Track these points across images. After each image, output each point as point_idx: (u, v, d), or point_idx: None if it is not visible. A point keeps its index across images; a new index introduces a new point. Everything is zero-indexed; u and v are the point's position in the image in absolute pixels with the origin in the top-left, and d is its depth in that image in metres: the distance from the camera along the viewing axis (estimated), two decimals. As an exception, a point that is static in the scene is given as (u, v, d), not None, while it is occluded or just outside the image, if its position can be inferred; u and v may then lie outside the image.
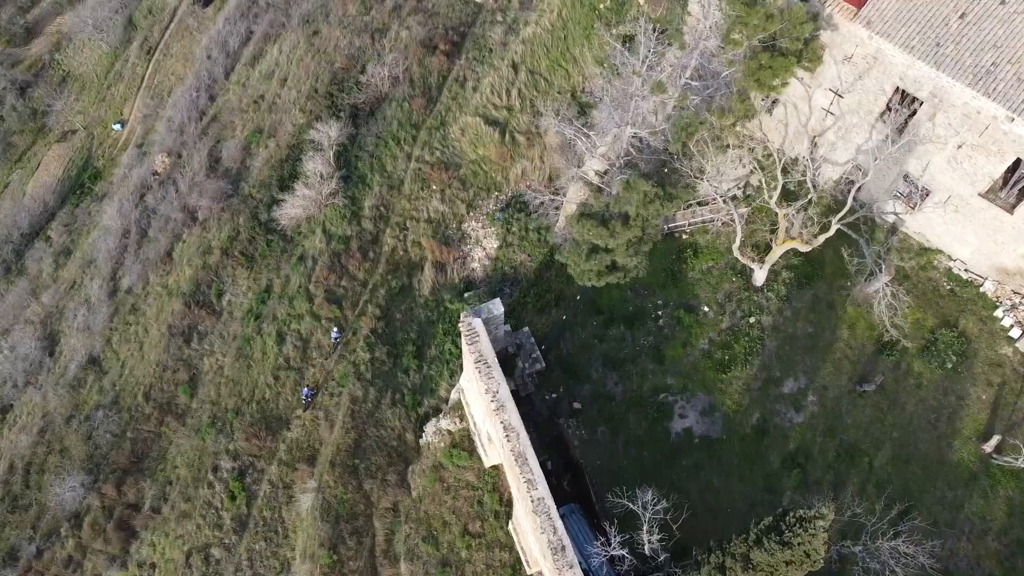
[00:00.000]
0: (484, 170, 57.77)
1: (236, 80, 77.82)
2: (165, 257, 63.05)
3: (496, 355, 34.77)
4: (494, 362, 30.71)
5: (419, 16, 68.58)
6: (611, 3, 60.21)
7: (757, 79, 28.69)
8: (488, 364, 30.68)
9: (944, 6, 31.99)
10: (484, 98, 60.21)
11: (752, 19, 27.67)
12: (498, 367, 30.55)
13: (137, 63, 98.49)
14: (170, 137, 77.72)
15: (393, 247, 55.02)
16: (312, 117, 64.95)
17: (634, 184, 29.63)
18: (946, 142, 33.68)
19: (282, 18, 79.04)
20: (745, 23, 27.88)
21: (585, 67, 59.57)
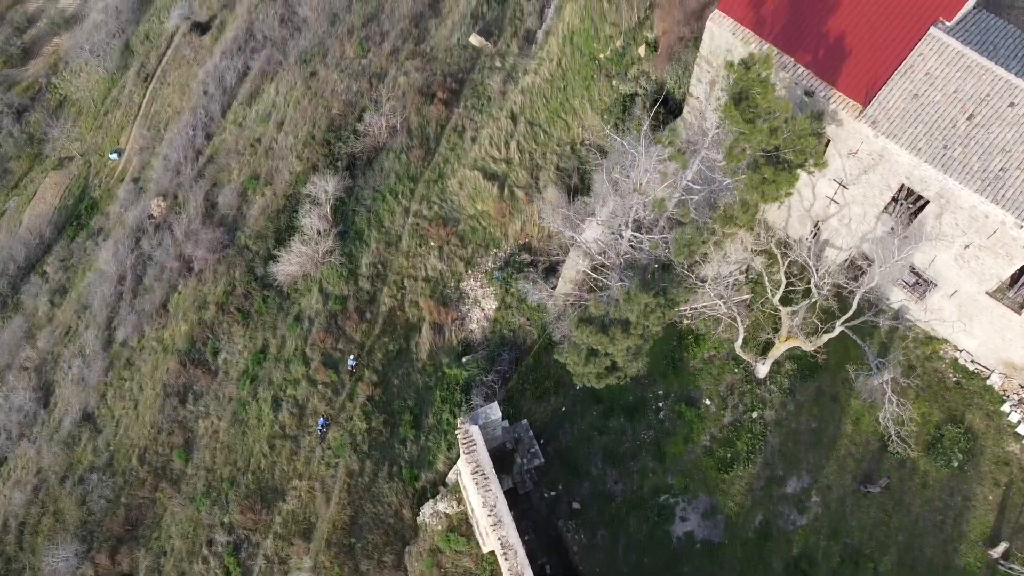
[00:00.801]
0: (483, 226, 57.07)
1: (233, 119, 77.15)
2: (160, 309, 62.42)
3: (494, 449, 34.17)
4: (492, 474, 30.07)
5: (417, 61, 67.88)
6: (611, 53, 59.43)
7: (761, 192, 27.99)
8: (485, 476, 30.02)
9: (952, 107, 31.24)
10: (483, 150, 59.51)
11: (755, 136, 26.95)
12: (496, 479, 29.90)
13: (134, 90, 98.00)
14: (166, 177, 77.09)
15: (391, 307, 54.34)
16: (309, 165, 64.35)
17: (634, 296, 28.93)
18: (953, 240, 32.97)
19: (279, 55, 78.34)
20: (748, 139, 27.16)
21: (585, 118, 58.85)
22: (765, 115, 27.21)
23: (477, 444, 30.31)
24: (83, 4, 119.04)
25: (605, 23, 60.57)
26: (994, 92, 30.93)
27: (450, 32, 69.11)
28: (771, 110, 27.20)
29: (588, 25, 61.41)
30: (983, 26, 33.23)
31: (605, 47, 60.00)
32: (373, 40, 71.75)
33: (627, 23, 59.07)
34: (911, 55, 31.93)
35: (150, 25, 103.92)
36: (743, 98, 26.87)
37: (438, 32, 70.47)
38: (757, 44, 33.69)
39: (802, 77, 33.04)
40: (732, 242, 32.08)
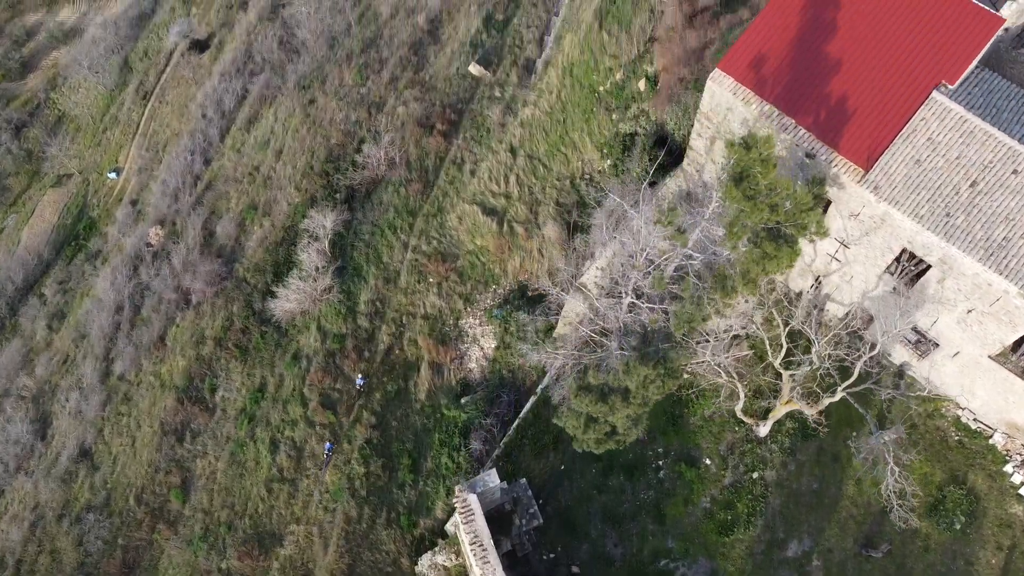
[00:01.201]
0: (482, 261, 56.77)
1: (231, 144, 76.89)
2: (158, 342, 62.12)
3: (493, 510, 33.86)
4: (490, 545, 29.79)
5: (416, 90, 67.56)
6: (611, 86, 59.10)
7: (762, 266, 27.69)
8: (483, 547, 29.71)
9: (955, 173, 30.93)
10: (482, 184, 59.23)
11: (755, 214, 26.65)
12: (494, 551, 29.62)
13: (133, 108, 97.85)
14: (164, 202, 76.84)
15: (389, 345, 54.04)
16: (307, 196, 64.07)
17: (634, 368, 28.64)
18: (955, 304, 32.66)
19: (278, 80, 78.09)
20: (749, 216, 26.85)
21: (584, 152, 58.53)
22: (766, 192, 26.90)
23: (475, 514, 30.04)
24: (82, 17, 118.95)
25: (605, 55, 60.28)
26: (997, 159, 30.62)
27: (449, 61, 68.81)
28: (772, 187, 26.90)
29: (588, 57, 61.12)
30: (986, 87, 32.92)
31: (605, 80, 59.70)
32: (372, 68, 71.47)
33: (627, 56, 58.79)
34: (913, 119, 31.62)
35: (149, 42, 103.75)
36: (744, 177, 26.57)
37: (437, 60, 70.18)
38: (758, 104, 33.40)
39: (803, 139, 32.73)
40: (733, 305, 31.77)
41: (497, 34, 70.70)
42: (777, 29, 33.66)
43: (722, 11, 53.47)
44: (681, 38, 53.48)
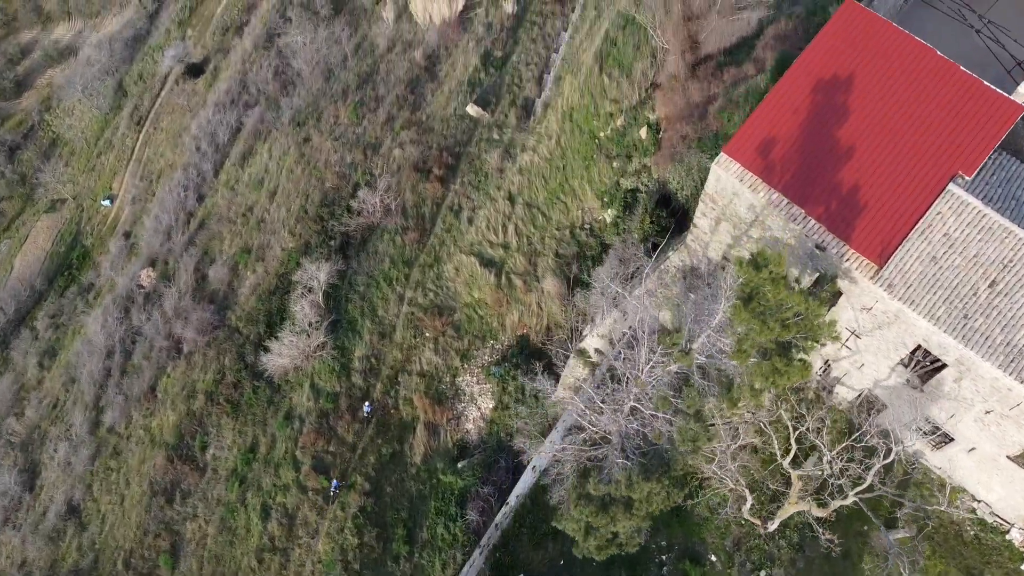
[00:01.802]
0: (479, 315, 55.38)
1: (225, 181, 75.56)
2: (148, 393, 60.77)
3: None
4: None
5: (413, 131, 66.14)
6: (611, 132, 57.65)
7: (771, 381, 26.30)
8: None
9: (973, 272, 29.48)
10: (479, 233, 57.81)
11: (765, 332, 25.23)
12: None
13: (127, 134, 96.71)
14: (157, 239, 75.56)
15: (384, 404, 52.64)
16: (301, 242, 62.69)
17: (637, 484, 27.25)
18: (973, 404, 31.22)
19: (272, 114, 76.71)
20: (758, 334, 25.44)
21: (584, 200, 57.08)
22: (776, 308, 25.49)
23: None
24: (77, 35, 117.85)
25: (605, 100, 58.83)
26: (1018, 257, 29.18)
27: (447, 101, 67.37)
28: (783, 303, 25.49)
29: (588, 101, 59.66)
30: (1006, 175, 31.49)
31: (605, 125, 58.25)
32: (368, 106, 70.06)
33: (628, 101, 57.33)
34: (929, 213, 30.17)
35: (144, 65, 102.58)
36: (753, 297, 25.16)
37: (434, 99, 68.75)
38: (766, 192, 31.94)
39: (813, 230, 31.28)
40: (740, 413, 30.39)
41: (495, 72, 69.28)
42: (785, 112, 32.22)
43: (726, 62, 52.00)
44: (684, 89, 52.02)
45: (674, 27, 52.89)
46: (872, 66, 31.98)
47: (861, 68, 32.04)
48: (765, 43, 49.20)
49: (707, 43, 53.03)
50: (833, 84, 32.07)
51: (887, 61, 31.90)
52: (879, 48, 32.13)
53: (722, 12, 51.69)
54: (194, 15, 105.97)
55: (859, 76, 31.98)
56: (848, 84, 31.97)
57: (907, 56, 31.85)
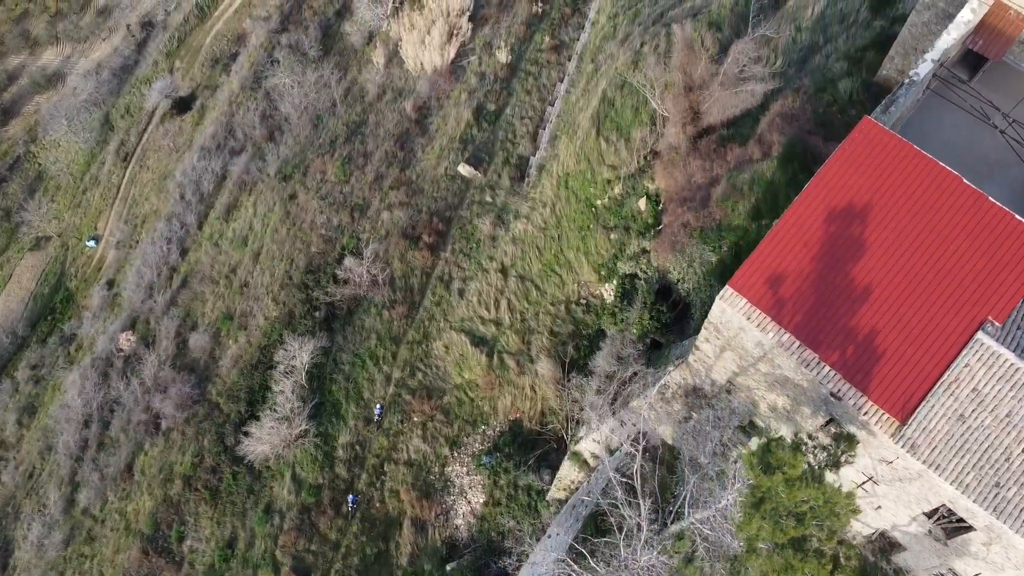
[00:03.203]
0: (470, 398, 52.71)
1: (208, 235, 72.95)
2: (125, 472, 58.14)
3: None
4: None
5: (402, 191, 63.46)
6: (609, 201, 54.97)
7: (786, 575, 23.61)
8: None
9: (1006, 434, 26.73)
10: (471, 308, 55.13)
11: (778, 534, 22.53)
12: None
13: (113, 170, 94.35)
14: (138, 295, 73.00)
15: (369, 497, 49.96)
16: (285, 311, 60.01)
17: None
18: (1003, 568, 28.49)
19: (258, 163, 74.06)
20: (769, 536, 22.75)
21: (581, 273, 54.37)
22: (790, 506, 22.81)
23: None
24: (65, 61, 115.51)
25: (603, 166, 56.18)
26: (1055, 418, 26.43)
27: (437, 160, 64.66)
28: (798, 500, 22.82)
29: (585, 167, 57.00)
30: (1038, 315, 28.71)
31: (603, 193, 55.60)
32: (356, 162, 67.39)
33: (626, 168, 54.67)
34: (956, 364, 27.42)
35: (131, 98, 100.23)
36: (764, 500, 22.50)
37: (425, 156, 66.06)
38: (775, 333, 29.19)
39: (828, 378, 28.53)
40: None
41: (489, 127, 66.60)
42: (795, 244, 29.48)
43: (730, 136, 49.28)
44: (684, 164, 49.33)
45: (674, 97, 50.15)
46: (892, 194, 29.24)
47: (879, 196, 29.30)
48: (771, 120, 46.48)
49: (709, 114, 50.33)
50: (848, 214, 29.33)
51: (908, 189, 29.17)
52: (899, 173, 29.40)
53: (725, 83, 48.93)
54: (182, 46, 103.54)
55: (877, 205, 29.24)
56: (865, 214, 29.22)
57: (931, 183, 29.12)
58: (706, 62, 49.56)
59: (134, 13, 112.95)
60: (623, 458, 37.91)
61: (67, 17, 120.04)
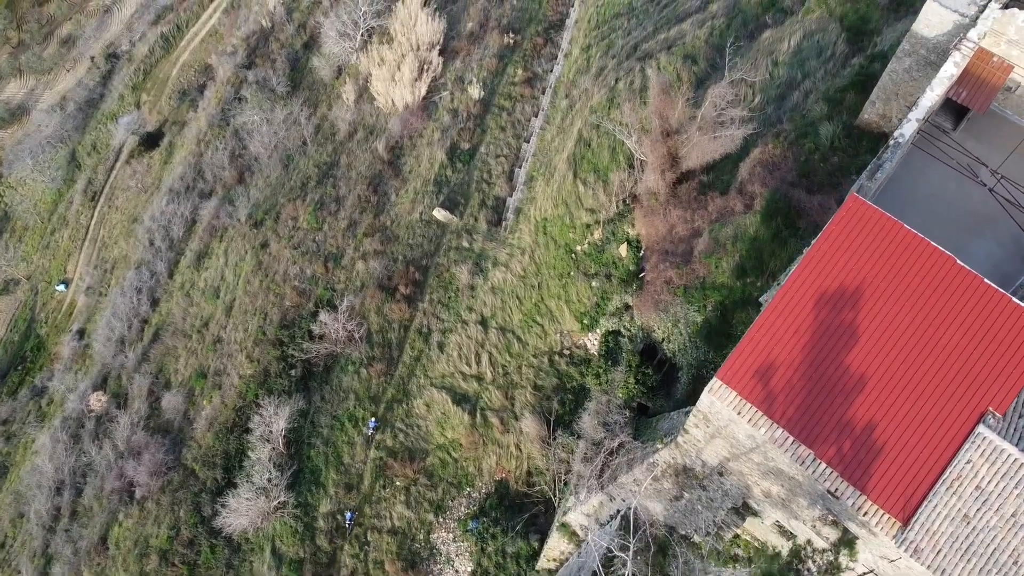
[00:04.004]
0: (453, 458, 51.07)
1: (180, 284, 70.92)
2: (99, 545, 56.12)
3: None
4: None
5: (376, 238, 61.70)
6: (589, 247, 53.49)
7: None
8: None
9: (1013, 536, 25.43)
10: (451, 363, 53.48)
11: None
12: None
13: (81, 210, 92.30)
14: (108, 350, 70.93)
15: (352, 569, 48.24)
16: (260, 369, 58.11)
17: None
18: (1014, 667, 27.19)
19: (229, 207, 72.09)
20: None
21: (563, 323, 52.85)
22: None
23: None
24: (30, 93, 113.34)
25: (581, 209, 54.75)
26: (1063, 517, 25.15)
27: (412, 204, 62.94)
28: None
29: (563, 211, 55.55)
30: (1039, 399, 27.44)
31: (582, 238, 54.14)
32: (328, 208, 65.56)
33: (605, 212, 53.28)
34: (957, 460, 26.09)
35: (97, 134, 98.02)
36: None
37: (399, 200, 64.33)
38: (768, 428, 27.76)
39: (824, 475, 27.15)
40: None
41: (463, 167, 64.96)
42: (785, 332, 28.06)
43: (710, 183, 47.95)
44: (664, 212, 47.97)
45: (652, 143, 48.72)
46: (883, 277, 27.88)
47: (871, 279, 27.93)
48: (752, 168, 45.16)
49: (688, 158, 48.99)
50: (839, 299, 27.94)
51: (900, 271, 27.81)
52: (891, 254, 28.03)
53: (703, 128, 47.55)
54: (149, 78, 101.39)
55: (869, 289, 27.87)
56: (856, 299, 27.85)
57: (923, 265, 27.77)
58: (683, 106, 48.17)
59: (98, 43, 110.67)
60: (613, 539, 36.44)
61: (30, 48, 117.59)
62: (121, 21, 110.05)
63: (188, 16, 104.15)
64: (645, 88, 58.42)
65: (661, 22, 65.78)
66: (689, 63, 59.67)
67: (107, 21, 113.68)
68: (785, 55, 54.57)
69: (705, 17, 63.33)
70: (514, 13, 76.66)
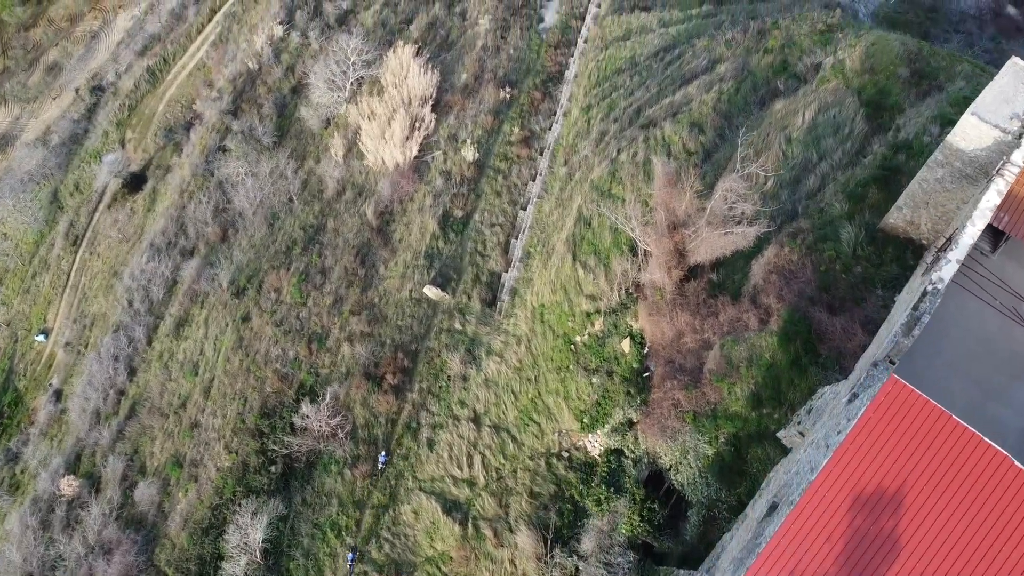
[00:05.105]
0: (443, 573, 47.50)
1: (158, 354, 67.35)
2: (67, 657, 52.51)
3: None
4: None
5: (363, 317, 58.13)
6: (589, 339, 49.91)
7: None
8: None
9: None
10: (441, 465, 49.95)
11: None
12: None
13: (63, 255, 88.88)
14: (83, 422, 67.51)
15: None
16: (238, 461, 54.58)
17: None
18: None
19: (211, 269, 68.56)
20: None
21: (561, 422, 49.29)
22: None
23: None
24: (14, 123, 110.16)
25: (580, 296, 51.21)
26: None
27: (401, 281, 59.34)
28: None
29: (561, 298, 51.98)
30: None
31: (582, 328, 50.58)
32: (313, 281, 61.96)
33: (607, 300, 49.76)
34: None
35: (80, 173, 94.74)
36: None
37: (388, 273, 60.73)
38: (795, 651, 24.16)
39: None
40: None
41: (456, 237, 61.40)
42: (815, 539, 24.34)
43: (720, 284, 44.35)
44: (671, 314, 44.38)
45: (658, 237, 45.13)
46: (929, 477, 24.26)
47: (915, 479, 24.31)
48: (766, 274, 41.55)
49: (696, 252, 45.37)
50: (877, 502, 24.30)
51: (949, 470, 24.20)
52: (938, 451, 24.43)
53: (712, 222, 43.92)
54: (134, 114, 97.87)
55: (912, 491, 24.24)
56: (897, 503, 24.22)
57: (975, 465, 24.15)
58: (691, 197, 44.56)
59: (84, 71, 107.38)
60: None
61: (15, 75, 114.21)
62: (108, 48, 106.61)
63: (175, 48, 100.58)
64: (648, 162, 54.91)
65: (665, 82, 62.18)
66: (696, 132, 56.18)
67: (94, 48, 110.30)
68: (799, 131, 51.03)
69: (712, 79, 59.78)
70: (511, 64, 73.03)
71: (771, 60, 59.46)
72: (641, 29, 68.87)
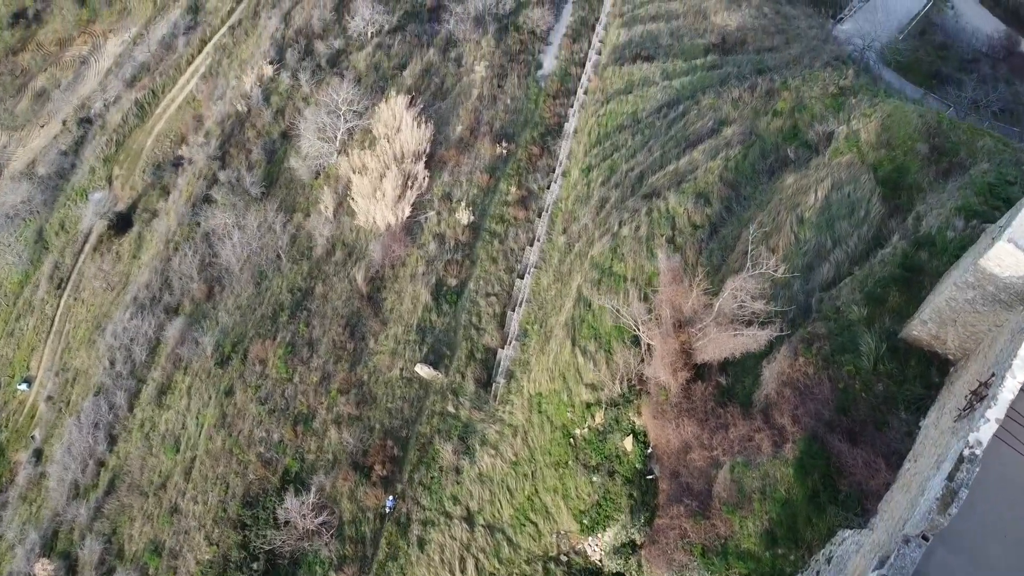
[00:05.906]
0: None
1: (139, 423, 64.61)
2: None
3: None
4: None
5: (351, 397, 55.30)
6: (589, 433, 47.08)
7: None
8: None
9: None
10: (432, 570, 47.10)
11: None
12: None
13: (47, 298, 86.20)
14: (60, 493, 64.74)
15: None
16: (219, 555, 51.67)
17: None
18: None
19: (195, 332, 65.76)
20: None
21: (559, 522, 46.46)
22: None
23: None
24: (1, 151, 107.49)
25: (580, 384, 48.38)
26: None
27: (392, 358, 56.44)
28: None
29: (560, 386, 49.16)
30: None
31: (582, 420, 47.75)
32: (299, 354, 59.06)
33: (608, 390, 46.84)
34: None
35: (66, 211, 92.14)
36: None
37: (378, 347, 57.86)
38: None
39: None
40: None
41: (450, 309, 58.52)
42: None
43: (729, 389, 41.45)
44: (677, 420, 41.46)
45: (663, 336, 42.22)
46: None
47: None
48: (779, 387, 38.60)
49: (704, 351, 42.43)
50: None
51: None
52: None
53: (721, 321, 40.98)
54: (121, 149, 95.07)
55: None
56: None
57: None
58: (697, 295, 41.65)
59: (72, 99, 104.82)
60: None
61: (2, 102, 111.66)
62: (97, 75, 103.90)
63: (164, 80, 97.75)
64: (651, 237, 52.07)
65: (669, 144, 59.26)
66: (701, 204, 53.31)
67: (83, 74, 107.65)
68: (811, 211, 48.12)
69: (719, 144, 56.89)
70: (508, 115, 70.09)
71: (780, 124, 56.55)
72: (643, 81, 65.92)
